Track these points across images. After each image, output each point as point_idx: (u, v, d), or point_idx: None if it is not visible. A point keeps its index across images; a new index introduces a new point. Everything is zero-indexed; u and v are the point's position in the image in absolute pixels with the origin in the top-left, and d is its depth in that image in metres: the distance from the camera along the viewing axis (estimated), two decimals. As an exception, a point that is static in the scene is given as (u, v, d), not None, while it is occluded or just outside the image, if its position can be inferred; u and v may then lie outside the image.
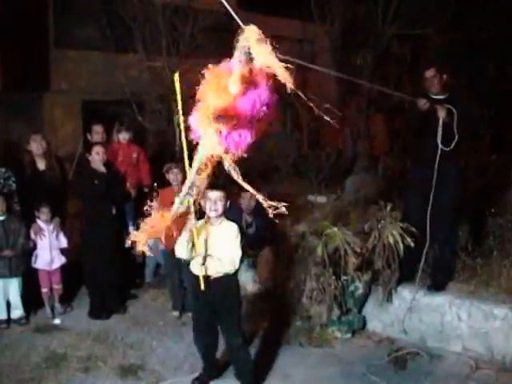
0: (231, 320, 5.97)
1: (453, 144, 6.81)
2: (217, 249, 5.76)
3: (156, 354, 6.96)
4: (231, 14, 3.81)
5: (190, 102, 3.85)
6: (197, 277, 5.81)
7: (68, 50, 19.12)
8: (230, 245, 5.77)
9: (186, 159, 5.20)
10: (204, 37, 13.48)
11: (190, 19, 13.22)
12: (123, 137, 9.34)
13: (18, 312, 7.88)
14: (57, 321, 7.97)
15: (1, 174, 7.99)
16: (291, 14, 20.40)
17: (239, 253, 5.82)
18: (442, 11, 14.23)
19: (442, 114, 6.84)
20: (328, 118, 3.95)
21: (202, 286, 5.73)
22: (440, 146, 6.87)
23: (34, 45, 18.87)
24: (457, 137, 6.78)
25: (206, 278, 5.77)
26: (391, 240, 7.05)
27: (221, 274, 5.77)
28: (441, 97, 7.12)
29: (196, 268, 5.82)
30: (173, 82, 5.12)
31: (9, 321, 7.84)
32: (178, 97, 5.20)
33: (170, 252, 8.00)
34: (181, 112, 5.16)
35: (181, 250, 5.80)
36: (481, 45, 15.56)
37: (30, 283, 8.05)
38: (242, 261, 5.97)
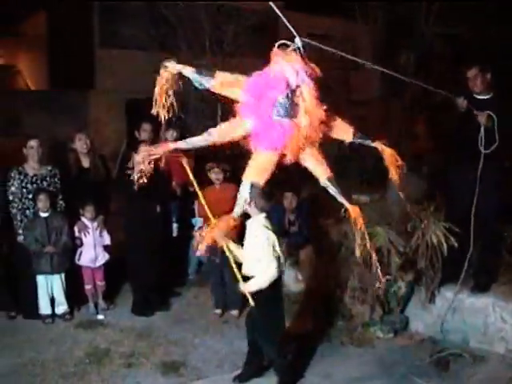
0: (261, 325, 6.00)
1: (493, 147, 6.71)
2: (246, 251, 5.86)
3: (198, 352, 7.00)
4: (275, 14, 3.87)
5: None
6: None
7: (113, 50, 19.29)
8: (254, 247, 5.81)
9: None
10: (247, 36, 13.48)
11: (233, 18, 13.23)
12: (171, 135, 9.38)
13: (62, 307, 7.99)
14: (100, 317, 8.06)
15: (47, 171, 8.10)
16: (335, 12, 20.33)
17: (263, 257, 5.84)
18: (482, 10, 14.06)
19: (482, 120, 6.72)
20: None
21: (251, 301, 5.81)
22: (482, 150, 6.77)
23: (79, 45, 19.11)
24: (498, 141, 6.69)
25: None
26: (434, 240, 7.00)
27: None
28: (484, 97, 7.03)
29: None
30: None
31: (53, 316, 7.96)
32: (191, 176, 5.29)
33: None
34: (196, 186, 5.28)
35: None
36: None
37: (74, 280, 8.15)
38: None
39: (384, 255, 7.08)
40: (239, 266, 5.97)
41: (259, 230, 5.83)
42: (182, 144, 4.68)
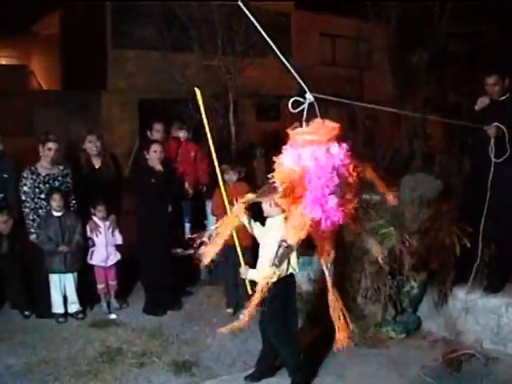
0: (272, 324, 6.00)
1: (505, 156, 6.69)
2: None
3: (210, 351, 7.01)
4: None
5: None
6: None
7: (125, 50, 19.39)
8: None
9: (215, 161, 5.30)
10: (259, 36, 13.47)
11: (245, 18, 13.24)
12: (183, 135, 9.41)
13: (74, 306, 8.02)
14: (113, 316, 8.09)
15: (59, 171, 8.13)
16: (347, 12, 20.33)
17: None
18: (499, 9, 14.03)
19: (491, 133, 6.73)
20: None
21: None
22: (493, 159, 6.76)
23: (92, 45, 19.20)
24: (509, 151, 6.68)
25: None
26: (447, 240, 6.98)
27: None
28: (501, 98, 7.03)
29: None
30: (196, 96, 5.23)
31: (66, 315, 7.99)
32: (202, 110, 5.27)
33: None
34: (206, 124, 5.26)
35: None
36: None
37: (86, 279, 8.18)
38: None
39: (396, 255, 7.07)
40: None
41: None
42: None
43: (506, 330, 6.81)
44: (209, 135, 5.50)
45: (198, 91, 5.27)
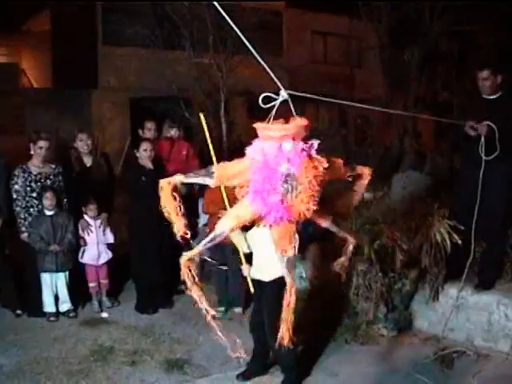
0: (267, 319, 5.99)
1: (494, 155, 6.70)
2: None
3: (202, 349, 6.99)
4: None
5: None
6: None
7: (116, 48, 19.36)
8: None
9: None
10: (251, 34, 13.45)
11: (236, 17, 13.21)
12: (174, 133, 9.37)
13: (66, 305, 8.01)
14: (104, 315, 8.08)
15: (51, 170, 8.10)
16: (339, 10, 20.35)
17: None
18: (492, 9, 14.05)
19: (482, 131, 6.73)
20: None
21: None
22: (484, 157, 6.76)
23: (82, 43, 19.15)
24: (498, 150, 6.68)
25: None
26: (438, 238, 6.99)
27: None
28: (492, 96, 7.03)
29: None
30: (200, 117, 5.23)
31: (57, 314, 7.97)
32: (207, 134, 5.26)
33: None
34: (211, 146, 5.26)
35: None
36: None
37: (78, 278, 8.16)
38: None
39: (388, 253, 7.08)
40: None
41: None
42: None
43: (496, 327, 6.83)
44: (213, 153, 5.49)
45: (202, 117, 5.27)
